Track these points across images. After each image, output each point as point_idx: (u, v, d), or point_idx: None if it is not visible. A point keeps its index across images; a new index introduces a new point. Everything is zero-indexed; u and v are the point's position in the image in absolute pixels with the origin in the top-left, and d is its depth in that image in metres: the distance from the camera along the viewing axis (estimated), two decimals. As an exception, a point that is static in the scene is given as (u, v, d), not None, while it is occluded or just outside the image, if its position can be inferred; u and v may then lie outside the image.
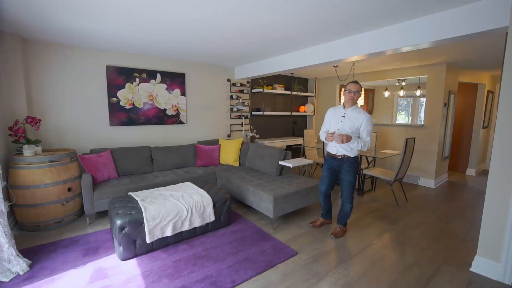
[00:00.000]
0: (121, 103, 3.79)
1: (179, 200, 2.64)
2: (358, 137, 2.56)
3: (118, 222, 2.24)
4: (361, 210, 3.52)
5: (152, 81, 4.05)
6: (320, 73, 5.66)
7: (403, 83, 5.81)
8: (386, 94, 5.76)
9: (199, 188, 2.97)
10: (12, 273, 2.03)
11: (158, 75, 4.09)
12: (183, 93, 4.39)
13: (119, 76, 3.74)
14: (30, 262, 2.19)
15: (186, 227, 2.56)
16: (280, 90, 5.52)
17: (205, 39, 3.10)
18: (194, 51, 3.71)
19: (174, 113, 4.34)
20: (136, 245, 2.31)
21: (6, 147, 2.80)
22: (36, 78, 3.16)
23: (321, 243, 2.64)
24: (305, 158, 4.43)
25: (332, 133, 2.54)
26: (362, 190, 4.14)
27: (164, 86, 4.17)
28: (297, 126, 6.36)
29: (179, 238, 2.58)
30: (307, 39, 3.06)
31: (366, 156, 4.12)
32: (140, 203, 2.47)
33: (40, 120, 2.93)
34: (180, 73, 4.32)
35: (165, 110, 4.23)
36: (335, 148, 2.66)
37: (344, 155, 2.63)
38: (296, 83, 5.97)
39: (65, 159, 2.89)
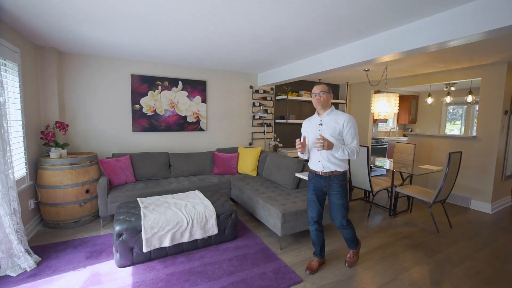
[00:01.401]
0: (144, 110, 3.95)
1: (181, 209, 2.56)
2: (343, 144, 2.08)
3: (116, 228, 2.24)
4: (389, 235, 3.03)
5: (174, 88, 4.15)
6: (351, 78, 5.23)
7: (452, 88, 5.02)
8: (429, 100, 5.04)
9: (205, 198, 2.86)
10: (21, 268, 2.15)
11: (180, 82, 4.19)
12: (204, 100, 4.41)
13: (143, 84, 3.91)
14: (40, 259, 2.31)
15: (186, 238, 2.46)
16: (306, 97, 5.23)
17: (224, 45, 3.06)
18: (216, 58, 3.71)
19: (194, 120, 4.38)
20: (133, 253, 2.28)
21: (38, 149, 3.08)
22: (68, 86, 3.46)
23: (332, 272, 2.29)
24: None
25: (303, 142, 2.09)
26: (394, 210, 3.60)
27: (185, 93, 4.24)
28: (326, 135, 5.95)
29: (179, 249, 2.49)
30: (332, 39, 2.77)
31: (401, 172, 3.58)
32: (141, 210, 2.46)
33: (67, 125, 3.17)
34: (202, 80, 4.36)
35: (185, 117, 4.29)
36: (320, 164, 2.12)
37: (332, 171, 2.09)
38: (325, 90, 5.60)
39: (85, 162, 3.06)
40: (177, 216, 2.46)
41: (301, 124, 5.46)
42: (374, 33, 2.59)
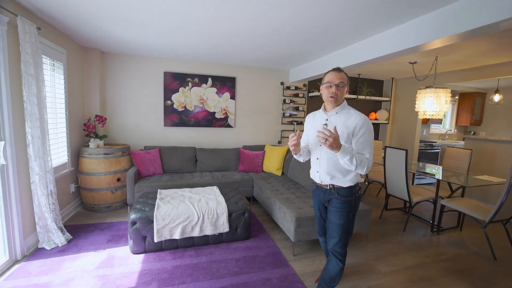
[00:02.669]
0: (175, 106, 4.13)
1: (194, 204, 2.58)
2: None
3: (131, 216, 2.36)
4: (426, 254, 2.58)
5: (204, 85, 4.24)
6: (396, 73, 4.64)
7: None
8: (496, 98, 4.15)
9: (220, 195, 2.84)
10: (54, 243, 2.42)
11: (209, 79, 4.26)
12: (232, 97, 4.42)
13: (174, 81, 4.08)
14: (71, 237, 2.58)
15: (196, 233, 2.47)
16: (343, 93, 4.82)
17: (256, 39, 2.96)
18: (246, 54, 3.66)
19: (222, 116, 4.41)
20: (145, 242, 2.38)
21: (81, 139, 3.46)
22: (108, 83, 3.80)
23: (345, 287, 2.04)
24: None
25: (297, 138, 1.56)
26: (438, 226, 3.07)
27: (214, 90, 4.30)
28: (365, 136, 5.42)
29: (190, 243, 2.51)
30: (370, 23, 2.37)
31: (449, 182, 3.02)
32: (156, 201, 2.55)
33: (105, 118, 3.49)
34: (231, 77, 4.37)
35: (214, 113, 4.36)
36: (318, 175, 1.68)
37: (332, 185, 1.64)
38: (365, 86, 5.10)
39: (117, 153, 3.32)
40: (189, 210, 2.48)
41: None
42: (422, 13, 2.15)
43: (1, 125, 2.03)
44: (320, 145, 1.60)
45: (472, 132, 6.03)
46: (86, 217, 3.13)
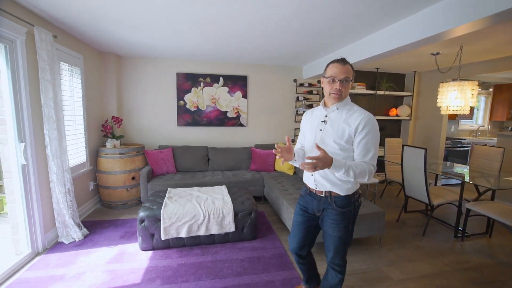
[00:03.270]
0: (187, 106, 4.21)
1: (200, 203, 2.61)
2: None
3: (140, 214, 2.43)
4: (447, 262, 2.38)
5: (215, 84, 4.27)
6: (419, 65, 4.33)
7: None
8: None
9: (227, 194, 2.84)
10: (72, 238, 2.58)
11: (221, 78, 4.27)
12: (244, 96, 4.40)
13: (186, 82, 4.15)
14: (88, 233, 2.73)
15: (202, 232, 2.50)
16: (360, 89, 4.61)
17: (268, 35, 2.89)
18: (257, 52, 3.62)
19: (234, 116, 4.42)
20: (153, 239, 2.45)
21: (99, 139, 3.64)
22: (124, 85, 3.96)
23: (351, 295, 1.94)
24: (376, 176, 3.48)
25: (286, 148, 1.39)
26: (463, 231, 2.81)
27: (226, 89, 4.32)
28: (386, 133, 5.14)
29: (196, 241, 2.54)
30: (390, 9, 2.15)
31: (475, 184, 2.75)
32: (164, 200, 2.61)
33: (121, 119, 3.65)
34: (242, 75, 4.35)
35: (226, 112, 4.38)
36: (312, 178, 1.50)
37: (329, 192, 1.45)
38: (384, 81, 4.82)
39: (132, 153, 3.46)
40: (195, 209, 2.51)
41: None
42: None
43: (22, 127, 2.19)
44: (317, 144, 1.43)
45: (510, 128, 5.47)
46: (103, 213, 3.30)
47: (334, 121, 1.43)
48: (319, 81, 4.68)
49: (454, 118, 5.34)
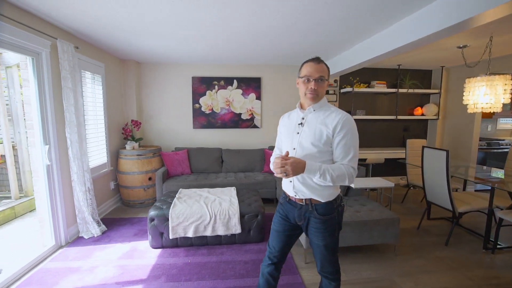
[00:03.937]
0: (202, 109, 4.32)
1: (207, 204, 2.65)
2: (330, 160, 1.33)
3: (150, 213, 2.54)
4: (471, 275, 2.15)
5: (229, 87, 4.33)
6: (446, 60, 3.99)
7: None
8: None
9: (235, 196, 2.86)
10: (91, 233, 2.77)
11: (235, 81, 4.33)
12: (258, 97, 4.41)
13: (201, 85, 4.27)
14: (106, 229, 2.92)
15: (208, 232, 2.54)
16: (380, 88, 4.39)
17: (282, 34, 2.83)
18: (269, 52, 3.61)
19: (248, 117, 4.44)
20: (163, 238, 2.54)
21: (120, 142, 3.88)
22: (144, 90, 4.18)
23: (356, 305, 1.83)
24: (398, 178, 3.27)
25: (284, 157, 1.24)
26: (495, 242, 2.53)
27: (239, 91, 4.36)
28: (410, 133, 4.81)
29: (203, 241, 2.59)
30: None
31: (509, 191, 2.46)
32: (174, 200, 2.70)
33: (140, 123, 3.85)
34: (256, 77, 4.36)
35: (240, 114, 4.42)
36: (290, 184, 1.40)
37: (309, 199, 1.36)
38: (408, 78, 4.53)
39: (149, 154, 3.63)
40: (202, 210, 2.56)
41: (371, 120, 4.65)
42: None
43: (46, 131, 2.42)
44: (294, 149, 1.37)
45: (561, 127, 4.82)
46: (122, 211, 3.50)
47: (311, 123, 1.36)
48: (335, 80, 4.54)
49: (490, 116, 4.84)
